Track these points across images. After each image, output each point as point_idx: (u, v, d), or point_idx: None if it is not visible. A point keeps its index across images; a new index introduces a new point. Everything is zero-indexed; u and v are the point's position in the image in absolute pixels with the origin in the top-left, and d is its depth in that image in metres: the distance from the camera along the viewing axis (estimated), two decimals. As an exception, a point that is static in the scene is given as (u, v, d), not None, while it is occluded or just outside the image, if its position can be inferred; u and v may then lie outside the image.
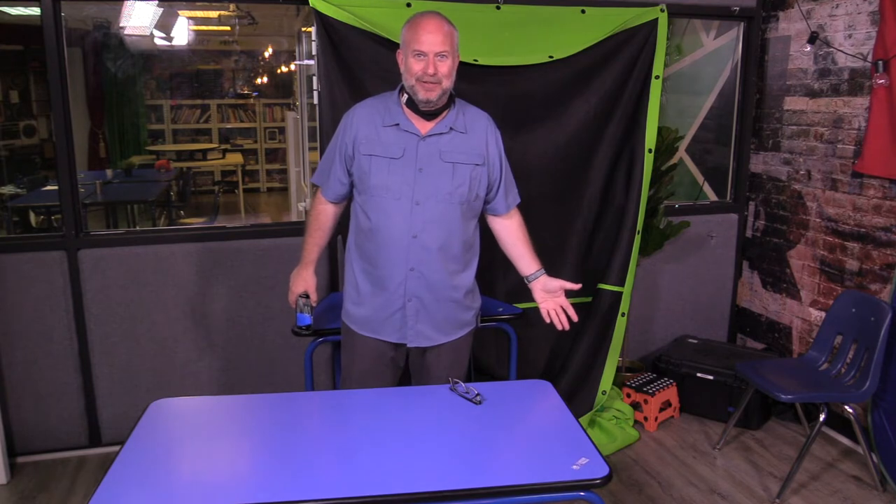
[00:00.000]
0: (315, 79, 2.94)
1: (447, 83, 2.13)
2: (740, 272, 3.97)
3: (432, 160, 2.17)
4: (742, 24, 3.72)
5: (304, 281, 2.35)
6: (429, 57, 2.09)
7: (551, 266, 3.35)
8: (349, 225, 2.34)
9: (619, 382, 3.50)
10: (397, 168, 2.17)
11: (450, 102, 2.22)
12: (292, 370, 3.32)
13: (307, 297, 2.35)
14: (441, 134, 2.19)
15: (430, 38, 2.09)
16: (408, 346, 2.29)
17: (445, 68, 2.11)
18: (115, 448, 2.70)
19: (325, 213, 2.34)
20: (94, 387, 3.11)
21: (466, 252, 2.27)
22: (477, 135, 2.24)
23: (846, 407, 2.93)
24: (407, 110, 2.20)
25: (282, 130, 9.17)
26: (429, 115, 2.18)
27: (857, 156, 3.20)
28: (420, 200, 2.16)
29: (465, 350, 2.39)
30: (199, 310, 3.17)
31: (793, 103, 3.57)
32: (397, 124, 2.19)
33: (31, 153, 6.96)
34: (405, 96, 2.19)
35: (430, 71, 2.08)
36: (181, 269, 3.12)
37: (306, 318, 2.36)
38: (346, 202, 2.35)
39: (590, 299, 3.36)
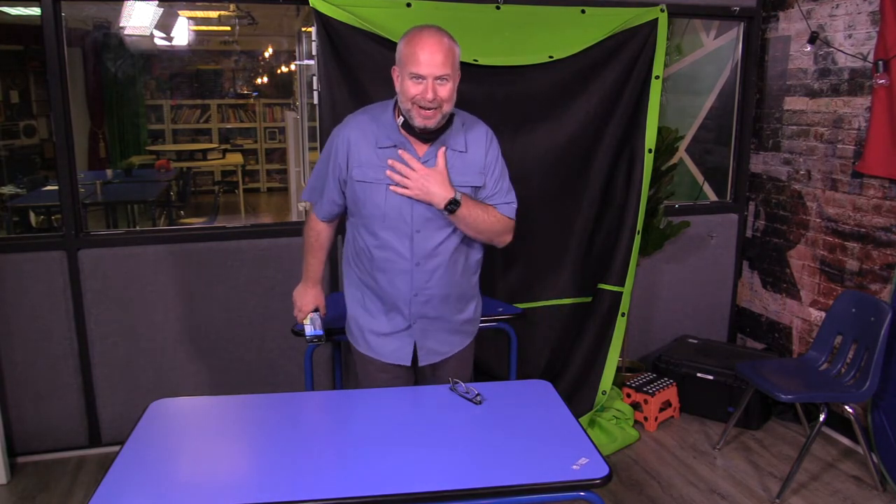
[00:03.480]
0: (315, 79, 2.94)
1: (447, 107, 1.95)
2: (740, 272, 3.97)
3: None
4: (742, 24, 3.72)
5: (315, 298, 2.33)
6: (427, 81, 1.89)
7: (552, 266, 3.41)
8: (346, 236, 2.27)
9: (619, 382, 3.50)
10: (394, 194, 2.02)
11: (449, 121, 2.03)
12: (292, 370, 3.32)
13: (317, 310, 2.35)
14: None
15: (429, 60, 1.88)
16: (420, 365, 2.26)
17: (446, 92, 1.92)
18: (115, 448, 2.70)
19: (323, 233, 2.26)
20: (94, 387, 3.11)
21: (471, 271, 2.24)
22: (476, 150, 2.09)
23: (846, 407, 2.93)
24: (403, 131, 2.02)
25: (282, 130, 9.17)
26: (426, 138, 2.04)
27: (858, 156, 3.20)
28: (420, 228, 2.05)
29: (469, 355, 2.39)
30: (198, 310, 3.17)
31: (793, 103, 3.57)
32: (394, 146, 2.03)
33: (31, 153, 6.97)
34: (401, 119, 2.00)
35: (429, 97, 1.89)
36: (181, 269, 3.11)
37: (317, 330, 2.34)
38: (341, 219, 2.27)
39: (590, 299, 3.37)
